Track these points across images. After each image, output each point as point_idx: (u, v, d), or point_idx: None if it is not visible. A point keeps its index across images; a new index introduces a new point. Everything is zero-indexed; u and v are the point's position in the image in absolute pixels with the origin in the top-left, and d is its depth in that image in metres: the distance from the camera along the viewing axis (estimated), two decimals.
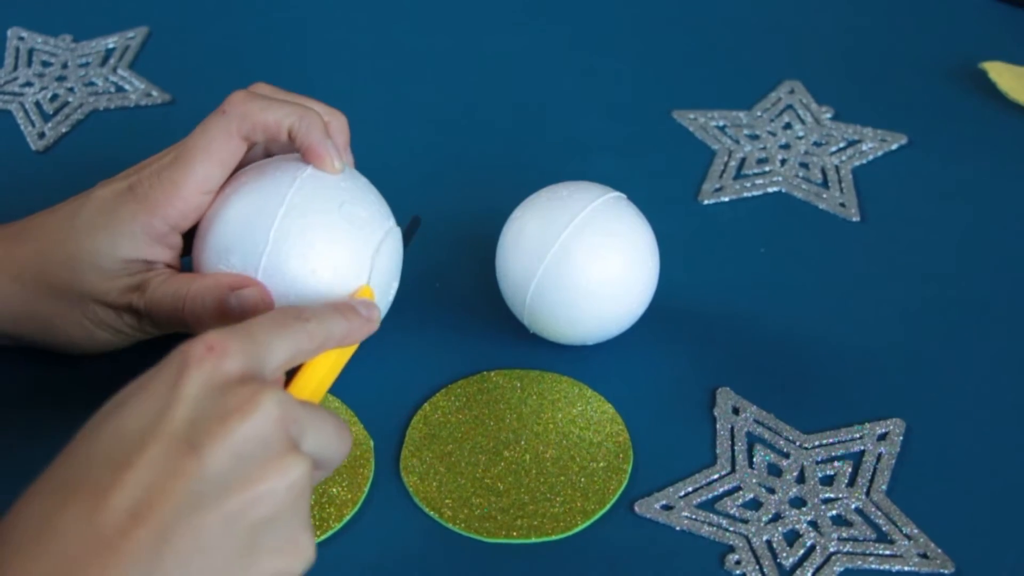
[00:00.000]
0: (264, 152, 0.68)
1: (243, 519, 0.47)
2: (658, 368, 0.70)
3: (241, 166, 0.67)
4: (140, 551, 0.46)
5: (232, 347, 0.50)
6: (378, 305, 0.64)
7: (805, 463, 0.65)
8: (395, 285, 0.66)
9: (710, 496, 0.64)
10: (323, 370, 0.59)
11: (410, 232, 0.67)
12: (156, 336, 0.67)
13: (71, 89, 0.87)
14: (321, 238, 0.63)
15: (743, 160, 0.82)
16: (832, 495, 0.64)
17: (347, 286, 0.63)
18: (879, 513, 0.63)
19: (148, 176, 0.65)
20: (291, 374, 0.57)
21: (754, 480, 0.65)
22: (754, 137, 0.83)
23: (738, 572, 0.61)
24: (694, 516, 0.63)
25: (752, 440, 0.66)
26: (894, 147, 0.83)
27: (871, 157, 0.82)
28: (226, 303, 0.62)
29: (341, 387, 0.68)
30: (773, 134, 0.83)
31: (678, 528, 0.63)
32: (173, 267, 0.66)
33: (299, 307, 0.56)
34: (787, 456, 0.66)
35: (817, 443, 0.66)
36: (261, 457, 0.48)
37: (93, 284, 0.65)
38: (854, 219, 0.78)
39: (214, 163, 0.65)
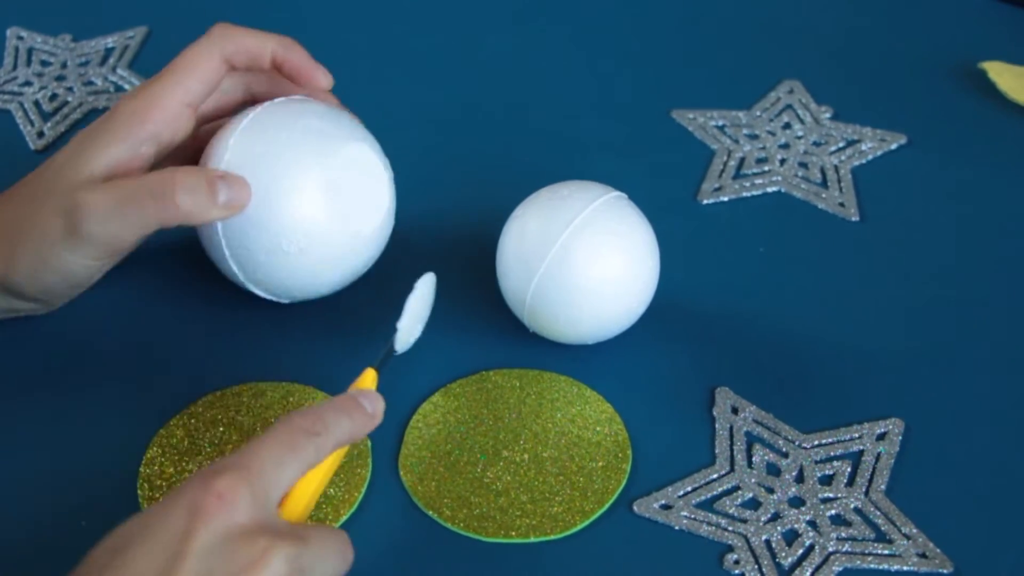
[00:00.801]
0: (246, 95, 0.71)
1: None
2: (657, 368, 0.70)
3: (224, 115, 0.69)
4: None
5: (241, 494, 0.50)
6: (403, 343, 0.65)
7: (804, 463, 0.65)
8: (420, 328, 0.67)
9: (709, 496, 0.64)
10: (319, 477, 0.58)
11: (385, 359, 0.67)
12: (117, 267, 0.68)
13: (70, 89, 0.87)
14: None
15: (742, 160, 0.82)
16: (831, 495, 0.64)
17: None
18: (878, 513, 0.63)
19: (130, 95, 0.67)
20: None
21: (753, 480, 0.65)
22: (753, 137, 0.83)
23: (737, 572, 0.61)
24: (693, 516, 0.63)
25: (751, 440, 0.66)
26: (893, 147, 0.83)
27: (870, 157, 0.82)
28: (216, 183, 0.64)
29: (341, 387, 0.68)
30: (772, 134, 0.83)
31: (677, 528, 0.63)
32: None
33: (308, 418, 0.55)
34: (786, 456, 0.66)
35: (816, 443, 0.66)
36: None
37: (70, 182, 0.65)
38: (853, 219, 0.78)
39: (195, 78, 0.66)
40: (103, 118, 0.67)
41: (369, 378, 0.62)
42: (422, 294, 0.66)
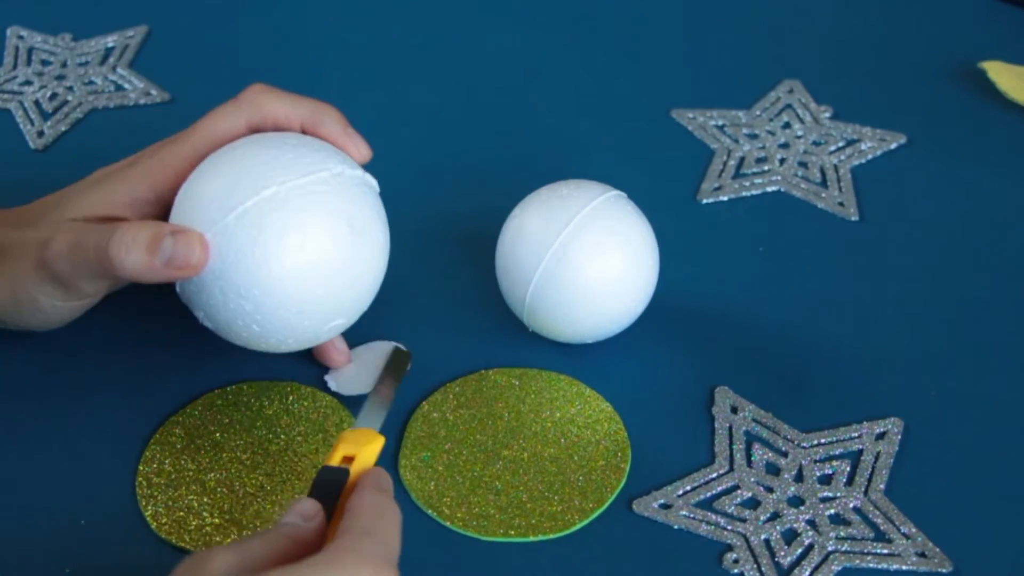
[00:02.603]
0: None
1: None
2: (656, 367, 0.70)
3: None
4: None
5: None
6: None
7: (803, 462, 0.65)
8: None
9: (708, 495, 0.64)
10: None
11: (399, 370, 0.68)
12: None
13: (70, 88, 0.87)
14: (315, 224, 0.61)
15: (742, 159, 0.82)
16: (830, 494, 0.64)
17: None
18: (877, 512, 0.63)
19: (149, 152, 0.66)
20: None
21: (752, 479, 0.65)
22: (753, 136, 0.83)
23: (736, 571, 0.61)
24: (692, 515, 0.63)
25: (750, 439, 0.66)
26: (893, 146, 0.83)
27: (870, 156, 0.82)
28: (160, 240, 0.60)
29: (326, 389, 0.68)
30: (772, 133, 0.83)
31: (676, 527, 0.63)
32: None
33: (393, 506, 0.56)
34: (785, 455, 0.66)
35: (815, 442, 0.66)
36: None
37: (59, 215, 0.64)
38: (853, 218, 0.78)
39: (215, 145, 0.64)
40: (122, 165, 0.66)
41: (376, 449, 0.59)
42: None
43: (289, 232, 0.60)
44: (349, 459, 0.58)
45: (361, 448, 0.58)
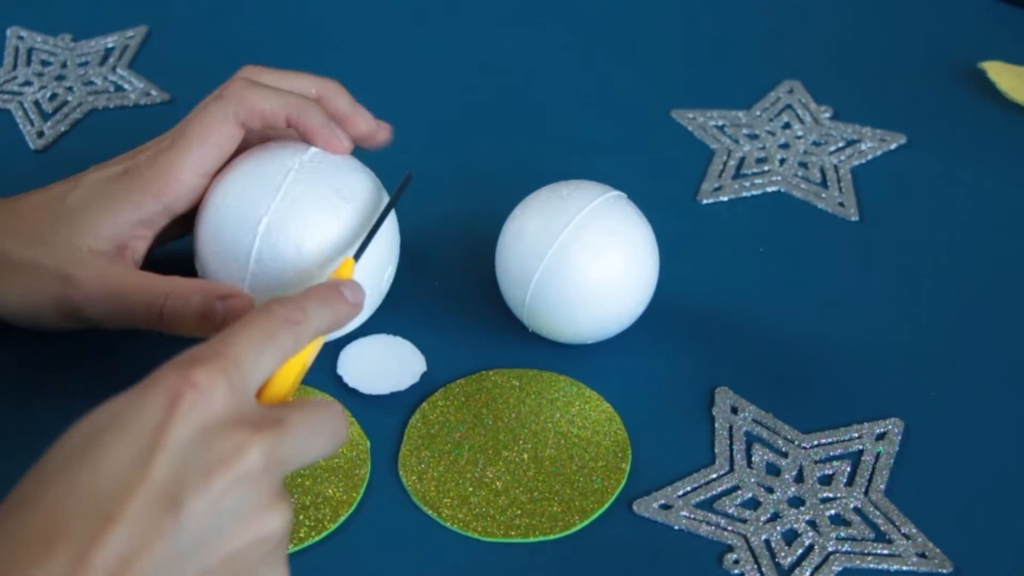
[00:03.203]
0: (261, 138, 0.69)
1: (221, 574, 0.47)
2: (657, 367, 0.70)
3: (240, 150, 0.67)
4: None
5: (219, 384, 0.48)
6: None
7: (804, 463, 0.65)
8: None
9: (708, 495, 0.64)
10: (300, 364, 0.55)
11: (400, 189, 0.67)
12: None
13: (70, 88, 0.87)
14: (314, 224, 0.64)
15: (742, 160, 0.82)
16: (830, 495, 0.64)
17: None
18: (877, 513, 0.63)
19: (145, 160, 0.66)
20: None
21: (752, 479, 0.65)
22: (753, 137, 0.83)
23: (736, 571, 0.61)
24: (692, 515, 0.63)
25: (751, 439, 0.66)
26: (893, 147, 0.83)
27: (870, 157, 0.82)
28: (212, 308, 0.62)
29: (339, 385, 0.68)
30: (772, 134, 0.83)
31: (676, 527, 0.63)
32: (135, 257, 0.66)
33: (287, 306, 0.53)
34: (786, 455, 0.66)
35: (816, 442, 0.66)
36: (242, 513, 0.47)
37: (75, 243, 0.65)
38: (853, 219, 0.78)
39: (211, 147, 0.65)
40: (119, 173, 0.66)
41: (347, 268, 0.61)
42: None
43: (303, 241, 0.64)
44: None
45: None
